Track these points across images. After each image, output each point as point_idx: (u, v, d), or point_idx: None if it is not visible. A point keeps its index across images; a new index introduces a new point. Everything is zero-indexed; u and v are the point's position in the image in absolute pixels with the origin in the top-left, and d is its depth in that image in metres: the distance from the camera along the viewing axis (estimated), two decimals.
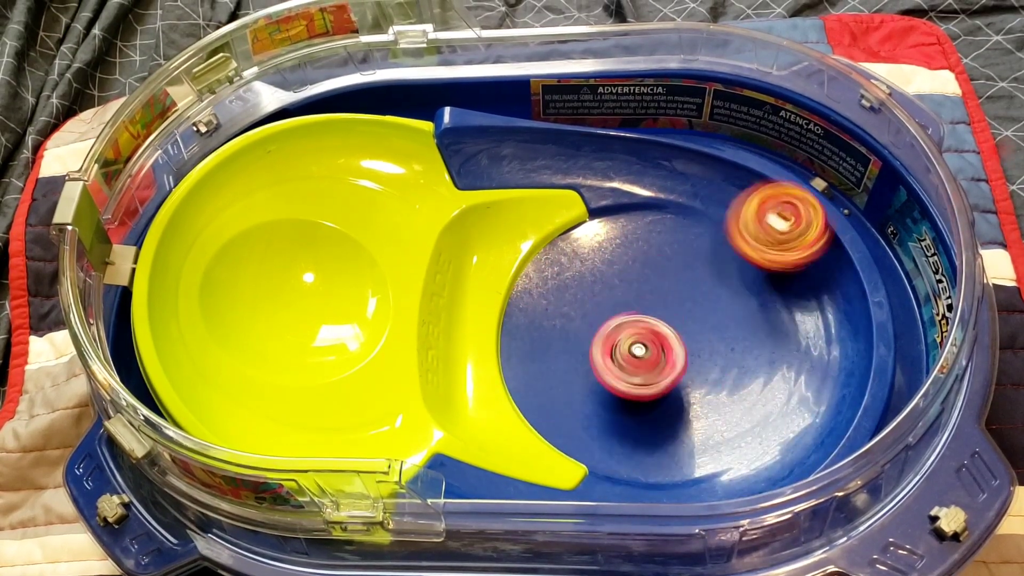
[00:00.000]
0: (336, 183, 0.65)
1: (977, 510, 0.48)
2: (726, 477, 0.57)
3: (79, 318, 0.53)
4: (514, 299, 0.65)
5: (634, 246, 0.66)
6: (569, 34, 0.70)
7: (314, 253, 0.64)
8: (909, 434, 0.47)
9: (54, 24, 0.86)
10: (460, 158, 0.65)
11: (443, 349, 0.62)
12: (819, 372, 0.59)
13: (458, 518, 0.49)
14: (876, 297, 0.58)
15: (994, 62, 0.73)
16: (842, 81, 0.60)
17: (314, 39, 0.66)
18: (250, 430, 0.58)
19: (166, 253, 0.60)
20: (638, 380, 0.57)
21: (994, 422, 0.56)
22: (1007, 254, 0.64)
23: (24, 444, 0.65)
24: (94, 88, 0.83)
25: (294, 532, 0.51)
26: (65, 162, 0.76)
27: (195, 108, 0.65)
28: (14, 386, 0.69)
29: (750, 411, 0.59)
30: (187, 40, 0.83)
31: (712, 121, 0.67)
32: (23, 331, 0.71)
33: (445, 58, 0.68)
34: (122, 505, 0.55)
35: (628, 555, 0.50)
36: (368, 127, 0.65)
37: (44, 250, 0.72)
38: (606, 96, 0.66)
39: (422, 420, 0.59)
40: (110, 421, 0.52)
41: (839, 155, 0.63)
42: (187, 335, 0.60)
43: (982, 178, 0.67)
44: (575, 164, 0.66)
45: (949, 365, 0.48)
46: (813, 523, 0.48)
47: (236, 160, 0.63)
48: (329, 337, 0.63)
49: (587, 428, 0.60)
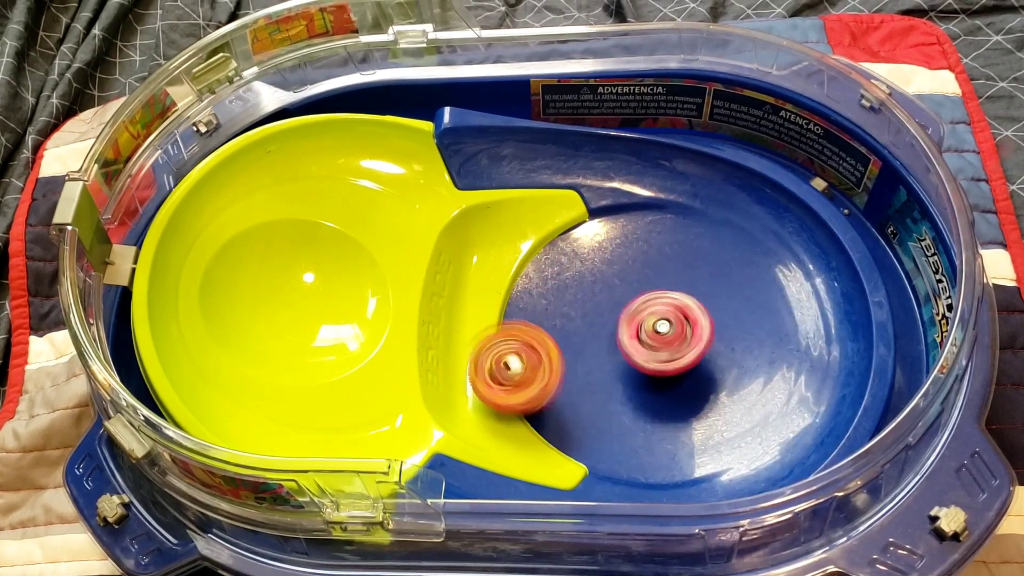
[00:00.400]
0: (336, 183, 0.65)
1: (977, 510, 0.48)
2: (726, 477, 0.57)
3: (79, 318, 0.53)
4: (514, 299, 0.65)
5: (634, 246, 0.66)
6: (569, 34, 0.70)
7: (314, 253, 0.64)
8: (909, 434, 0.47)
9: (54, 24, 0.86)
10: (460, 158, 0.65)
11: (443, 349, 0.62)
12: (819, 372, 0.59)
13: (458, 518, 0.49)
14: (876, 297, 0.58)
15: (994, 62, 0.73)
16: (842, 81, 0.60)
17: (314, 39, 0.66)
18: (250, 430, 0.58)
19: (166, 253, 0.60)
20: (665, 356, 0.57)
21: (994, 422, 0.56)
22: (1007, 254, 0.64)
23: (24, 444, 0.65)
24: (94, 88, 0.83)
25: (294, 532, 0.51)
26: (65, 162, 0.76)
27: (195, 108, 0.65)
28: (14, 386, 0.69)
29: (750, 411, 0.59)
30: (187, 40, 0.83)
31: (712, 121, 0.67)
32: (23, 331, 0.71)
33: (445, 58, 0.68)
34: (122, 505, 0.55)
35: (628, 555, 0.50)
36: (368, 127, 0.65)
37: (44, 250, 0.72)
38: (606, 96, 0.66)
39: (422, 420, 0.59)
40: (110, 421, 0.52)
41: (839, 155, 0.63)
42: (187, 335, 0.60)
43: (982, 178, 0.67)
44: (575, 164, 0.66)
45: (949, 365, 0.48)
46: (813, 523, 0.48)
47: (236, 160, 0.63)
48: (329, 337, 0.63)
49: (587, 428, 0.60)
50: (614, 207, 0.66)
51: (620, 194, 0.66)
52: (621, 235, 0.66)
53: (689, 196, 0.66)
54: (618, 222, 0.67)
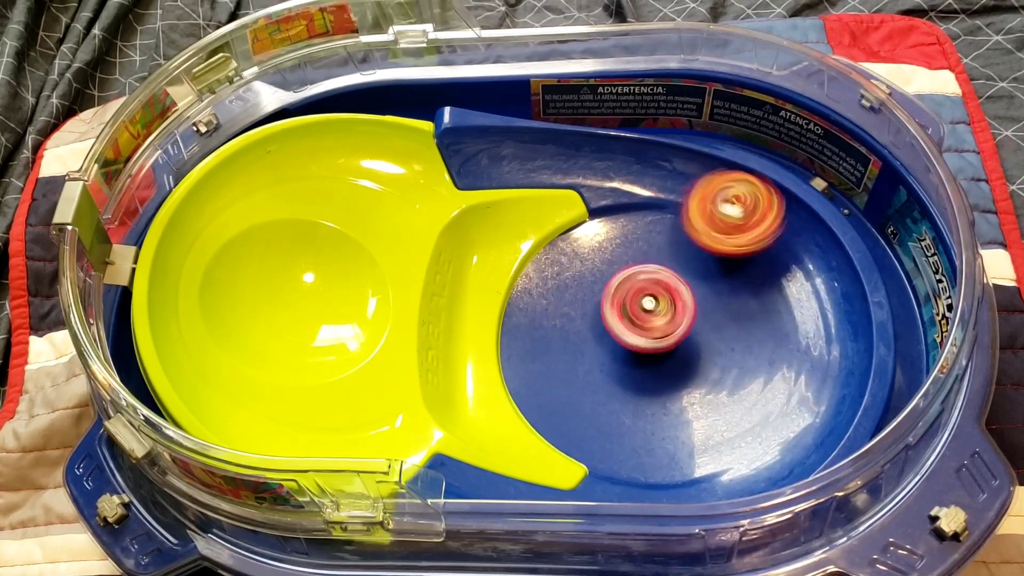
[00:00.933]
0: (336, 183, 0.65)
1: (977, 510, 0.48)
2: (726, 477, 0.57)
3: (79, 318, 0.53)
4: (514, 299, 0.65)
5: (634, 246, 0.66)
6: (569, 34, 0.70)
7: (314, 253, 0.64)
8: (909, 434, 0.47)
9: (54, 24, 0.86)
10: (460, 158, 0.65)
11: (443, 349, 0.62)
12: (819, 372, 0.59)
13: (458, 518, 0.49)
14: (876, 297, 0.58)
15: (994, 62, 0.73)
16: (842, 81, 0.60)
17: (314, 39, 0.66)
18: (250, 430, 0.58)
19: (166, 253, 0.60)
20: (656, 334, 0.58)
21: (994, 422, 0.56)
22: (1007, 254, 0.64)
23: (24, 444, 0.65)
24: (94, 88, 0.83)
25: (294, 532, 0.51)
26: (65, 162, 0.76)
27: (195, 108, 0.65)
28: (14, 386, 0.69)
29: (750, 411, 0.59)
30: (187, 40, 0.83)
31: (712, 121, 0.67)
32: (23, 331, 0.71)
33: (445, 58, 0.68)
34: (122, 505, 0.55)
35: (628, 555, 0.50)
36: (368, 127, 0.65)
37: (44, 250, 0.72)
38: (606, 96, 0.66)
39: (422, 420, 0.59)
40: (110, 421, 0.52)
41: (839, 155, 0.63)
42: (187, 335, 0.60)
43: (982, 178, 0.67)
44: (575, 164, 0.66)
45: (949, 365, 0.48)
46: (813, 523, 0.48)
47: (236, 160, 0.63)
48: (329, 337, 0.63)
49: (587, 428, 0.60)
50: (614, 207, 0.67)
51: (620, 194, 0.66)
52: (621, 235, 0.66)
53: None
54: (618, 222, 0.67)
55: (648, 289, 0.59)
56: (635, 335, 0.59)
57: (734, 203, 0.60)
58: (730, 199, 0.60)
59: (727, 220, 0.60)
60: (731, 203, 0.60)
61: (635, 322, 0.59)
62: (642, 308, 0.59)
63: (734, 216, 0.60)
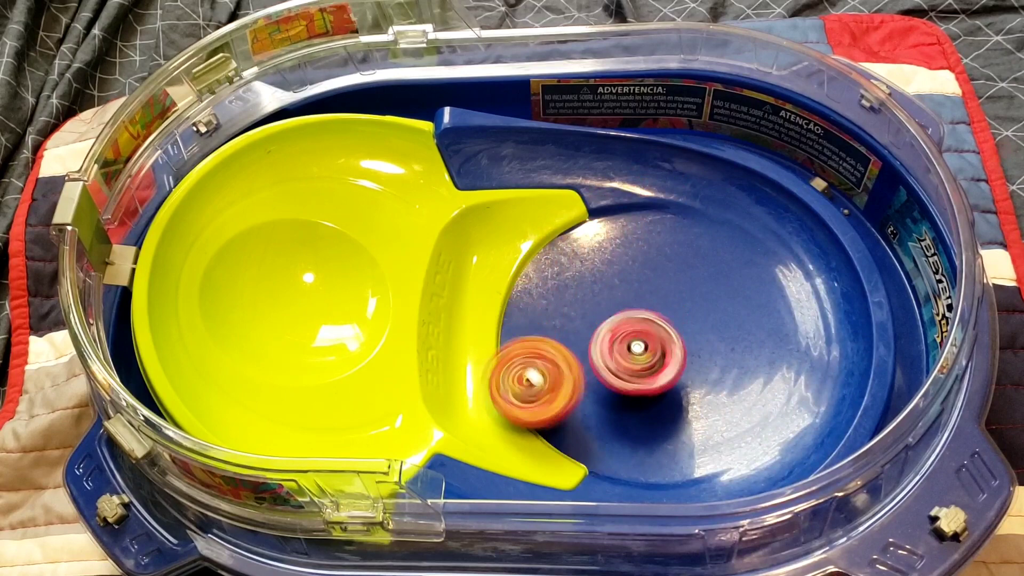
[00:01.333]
0: (336, 183, 0.65)
1: (977, 510, 0.48)
2: (726, 477, 0.57)
3: (79, 318, 0.53)
4: (514, 299, 0.65)
5: (634, 246, 0.66)
6: (569, 34, 0.70)
7: (314, 253, 0.64)
8: (909, 434, 0.47)
9: (54, 24, 0.86)
10: (460, 158, 0.65)
11: (443, 349, 0.62)
12: (819, 372, 0.59)
13: (458, 518, 0.49)
14: (876, 297, 0.58)
15: (994, 62, 0.73)
16: (842, 81, 0.60)
17: (314, 39, 0.66)
18: (250, 430, 0.58)
19: (166, 253, 0.60)
20: (639, 378, 0.57)
21: (994, 422, 0.56)
22: (1007, 254, 0.64)
23: (24, 444, 0.65)
24: (94, 88, 0.83)
25: (294, 532, 0.51)
26: (65, 162, 0.76)
27: (195, 108, 0.65)
28: (14, 386, 0.69)
29: (750, 411, 0.59)
30: (187, 40, 0.83)
31: (712, 121, 0.67)
32: (23, 331, 0.71)
33: (445, 58, 0.68)
34: (122, 505, 0.55)
35: (628, 555, 0.50)
36: (368, 127, 0.65)
37: (44, 250, 0.72)
38: (606, 96, 0.66)
39: (422, 420, 0.59)
40: (110, 421, 0.52)
41: (839, 155, 0.63)
42: (187, 335, 0.60)
43: (982, 178, 0.67)
44: (575, 164, 0.66)
45: (949, 365, 0.48)
46: (813, 523, 0.48)
47: (236, 160, 0.63)
48: (329, 337, 0.63)
49: (587, 428, 0.60)
50: (614, 207, 0.66)
51: (620, 194, 0.66)
52: (621, 235, 0.66)
53: (689, 196, 0.66)
54: (618, 222, 0.67)
55: (638, 335, 0.57)
56: (618, 378, 0.57)
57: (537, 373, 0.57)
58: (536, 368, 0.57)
59: (526, 387, 0.57)
60: (535, 371, 0.57)
61: (621, 365, 0.57)
62: (630, 351, 0.57)
63: (537, 384, 0.57)
